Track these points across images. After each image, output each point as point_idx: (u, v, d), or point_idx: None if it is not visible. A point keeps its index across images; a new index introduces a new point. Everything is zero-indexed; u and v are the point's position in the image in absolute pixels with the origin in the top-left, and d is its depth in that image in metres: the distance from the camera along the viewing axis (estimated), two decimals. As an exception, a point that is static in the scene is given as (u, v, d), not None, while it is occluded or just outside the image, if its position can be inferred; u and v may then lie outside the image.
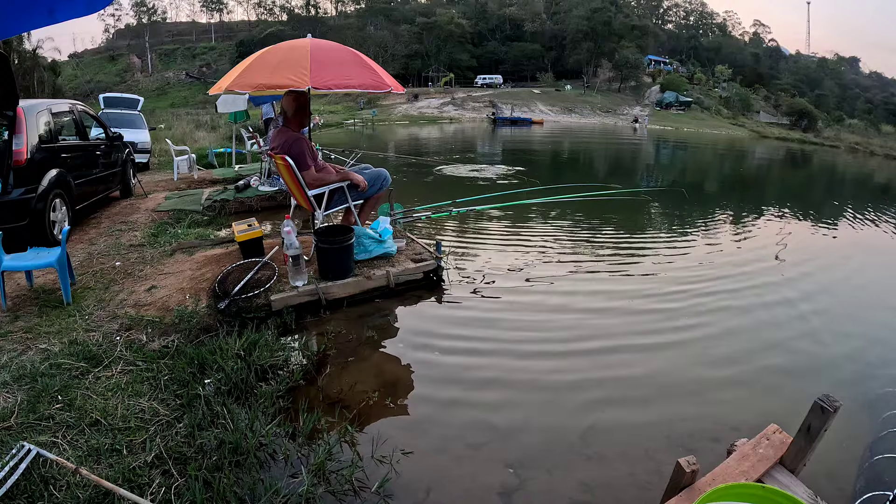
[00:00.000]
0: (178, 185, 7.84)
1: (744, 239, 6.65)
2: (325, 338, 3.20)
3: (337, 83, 3.48)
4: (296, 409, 2.41)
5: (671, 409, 2.69)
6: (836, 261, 5.88)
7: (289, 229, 3.38)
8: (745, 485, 1.46)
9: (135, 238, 4.72)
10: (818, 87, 60.46)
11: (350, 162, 7.79)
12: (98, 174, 5.58)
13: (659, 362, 3.16)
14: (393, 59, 51.97)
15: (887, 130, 48.36)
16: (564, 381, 2.92)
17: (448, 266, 4.41)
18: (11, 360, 2.49)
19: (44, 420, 2.07)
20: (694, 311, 3.94)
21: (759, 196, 10.98)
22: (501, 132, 27.21)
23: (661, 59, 62.73)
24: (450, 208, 5.69)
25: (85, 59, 64.77)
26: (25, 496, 1.69)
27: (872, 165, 23.74)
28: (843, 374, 3.17)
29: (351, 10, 69.72)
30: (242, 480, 1.92)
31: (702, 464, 1.63)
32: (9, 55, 5.22)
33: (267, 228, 5.12)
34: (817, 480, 2.02)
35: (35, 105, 4.44)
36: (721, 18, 77.91)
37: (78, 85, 46.85)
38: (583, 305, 4.00)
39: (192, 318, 3.08)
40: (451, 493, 2.05)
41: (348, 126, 28.21)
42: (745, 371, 3.11)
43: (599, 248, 5.72)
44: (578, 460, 2.27)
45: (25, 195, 3.95)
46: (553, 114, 41.64)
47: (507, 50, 61.28)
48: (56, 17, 1.06)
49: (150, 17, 69.75)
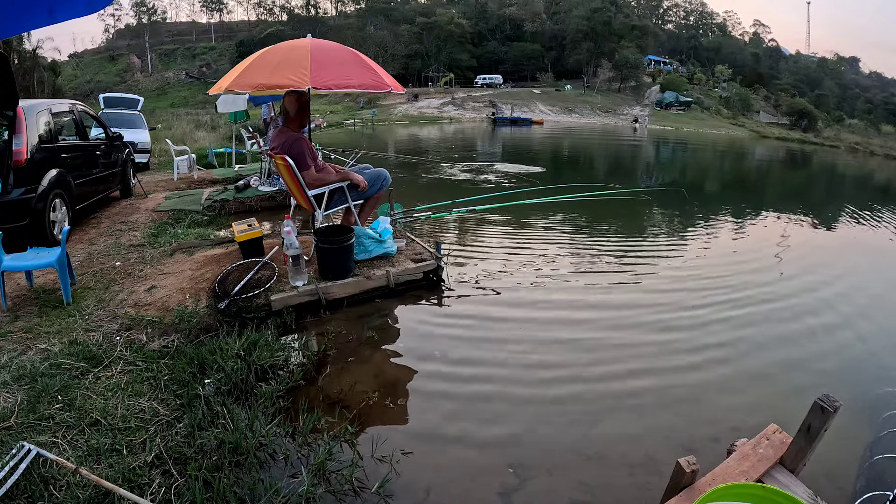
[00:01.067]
0: (178, 185, 7.83)
1: (743, 239, 6.66)
2: (325, 338, 3.20)
3: (337, 83, 3.48)
4: (296, 409, 2.41)
5: (671, 408, 2.69)
6: (835, 261, 5.88)
7: (289, 229, 3.38)
8: (745, 485, 1.46)
9: (135, 238, 4.72)
10: (818, 87, 60.43)
11: (350, 162, 7.79)
12: (98, 174, 5.58)
13: (659, 362, 3.16)
14: (393, 59, 51.95)
15: (887, 130, 48.35)
16: (564, 380, 2.92)
17: (448, 266, 4.41)
18: (11, 360, 2.49)
19: (44, 420, 2.07)
20: (694, 311, 3.94)
21: (758, 196, 10.99)
22: (501, 132, 27.20)
23: (661, 59, 62.73)
24: (450, 208, 5.69)
25: (85, 59, 64.74)
26: (25, 496, 1.69)
27: (872, 165, 23.75)
28: (843, 374, 3.17)
29: (351, 10, 69.69)
30: (242, 480, 1.92)
31: (702, 464, 1.63)
32: (9, 55, 5.22)
33: (267, 228, 5.12)
34: (817, 480, 2.02)
35: (35, 105, 4.44)
36: (721, 18, 77.96)
37: (78, 85, 46.82)
38: (583, 305, 4.00)
39: (192, 318, 3.08)
40: (451, 493, 2.05)
41: (348, 126, 28.21)
42: (745, 371, 3.11)
43: (599, 247, 5.72)
44: (578, 460, 2.26)
45: (25, 195, 3.95)
46: (553, 114, 41.64)
47: (507, 50, 61.25)
48: (56, 17, 1.06)
49: (150, 17, 69.71)
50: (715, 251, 5.85)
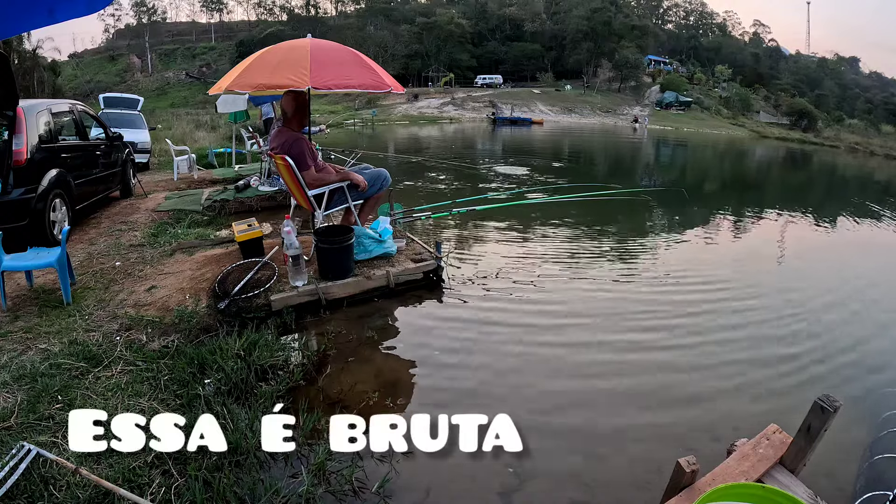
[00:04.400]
0: (178, 185, 7.83)
1: (743, 239, 6.66)
2: (325, 338, 3.20)
3: (337, 83, 3.48)
4: (296, 409, 2.41)
5: (671, 408, 2.69)
6: (835, 261, 5.88)
7: (289, 229, 3.38)
8: (745, 485, 1.46)
9: (135, 238, 4.72)
10: (818, 87, 60.38)
11: (350, 162, 7.78)
12: (98, 174, 5.58)
13: (659, 362, 3.16)
14: (393, 59, 51.90)
15: (887, 130, 48.33)
16: (564, 380, 2.92)
17: (448, 266, 4.41)
18: (11, 360, 2.49)
19: (44, 420, 2.07)
20: (693, 311, 3.94)
21: (758, 196, 10.99)
22: (501, 132, 27.19)
23: (661, 59, 62.69)
24: (450, 208, 5.68)
25: (85, 59, 64.64)
26: (25, 496, 1.69)
27: (872, 165, 23.74)
28: (843, 374, 3.17)
29: (351, 10, 69.60)
30: (242, 480, 1.92)
31: (702, 464, 1.63)
32: (9, 55, 5.22)
33: (267, 228, 5.12)
34: (817, 480, 2.02)
35: (35, 105, 4.44)
36: (721, 18, 77.82)
37: (78, 85, 46.81)
38: (583, 305, 4.00)
39: (192, 318, 3.07)
40: (451, 493, 2.05)
41: (348, 126, 28.20)
42: (745, 371, 3.11)
43: (599, 247, 5.72)
44: (578, 460, 2.26)
45: (25, 195, 3.95)
46: (553, 114, 41.63)
47: (507, 50, 61.19)
48: (56, 17, 1.06)
49: (150, 17, 69.60)
50: (715, 251, 5.85)
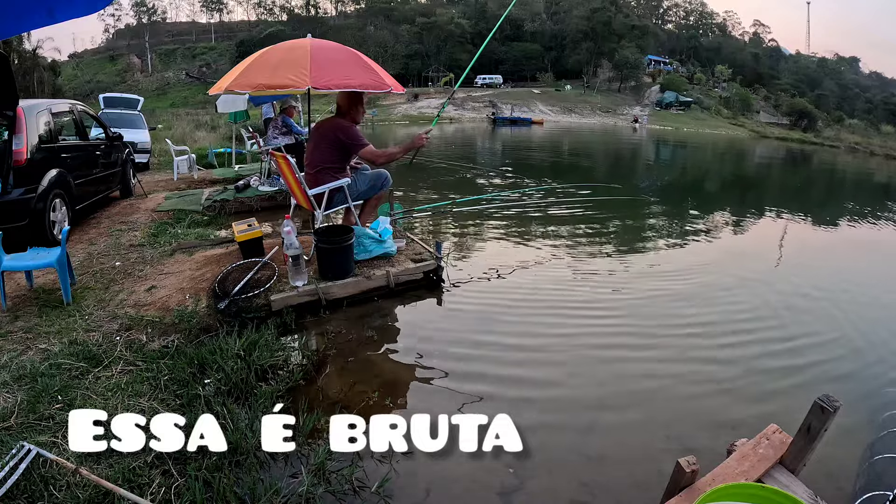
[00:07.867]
0: (178, 185, 7.84)
1: (743, 239, 6.66)
2: (324, 338, 3.20)
3: (337, 83, 3.48)
4: (296, 409, 2.41)
5: (671, 408, 2.69)
6: (835, 261, 5.88)
7: (289, 229, 3.38)
8: (745, 485, 1.46)
9: (135, 238, 4.72)
10: (818, 87, 60.41)
11: (350, 162, 7.77)
12: (98, 174, 5.58)
13: (658, 362, 3.15)
14: (393, 59, 51.92)
15: (887, 130, 48.35)
16: (564, 380, 2.92)
17: (448, 266, 4.41)
18: (11, 360, 2.49)
19: (44, 420, 2.07)
20: (693, 311, 3.94)
21: (758, 196, 10.99)
22: (501, 132, 27.20)
23: (661, 59, 62.74)
24: (450, 208, 5.69)
25: (85, 59, 64.67)
26: (25, 496, 1.69)
27: (872, 165, 23.74)
28: (843, 375, 3.16)
29: (351, 10, 69.69)
30: (242, 480, 1.92)
31: (702, 464, 1.63)
32: (9, 55, 5.22)
33: (267, 228, 5.12)
34: (817, 480, 2.02)
35: (35, 105, 4.44)
36: (721, 18, 77.89)
37: (78, 85, 46.84)
38: (583, 305, 3.99)
39: (192, 318, 3.07)
40: (451, 493, 2.05)
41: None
42: (745, 371, 3.10)
43: (599, 247, 5.72)
44: (578, 460, 2.26)
45: (25, 195, 3.95)
46: (553, 114, 41.66)
47: (507, 50, 61.17)
48: (56, 17, 1.06)
49: (150, 17, 69.63)
50: (714, 251, 5.85)
